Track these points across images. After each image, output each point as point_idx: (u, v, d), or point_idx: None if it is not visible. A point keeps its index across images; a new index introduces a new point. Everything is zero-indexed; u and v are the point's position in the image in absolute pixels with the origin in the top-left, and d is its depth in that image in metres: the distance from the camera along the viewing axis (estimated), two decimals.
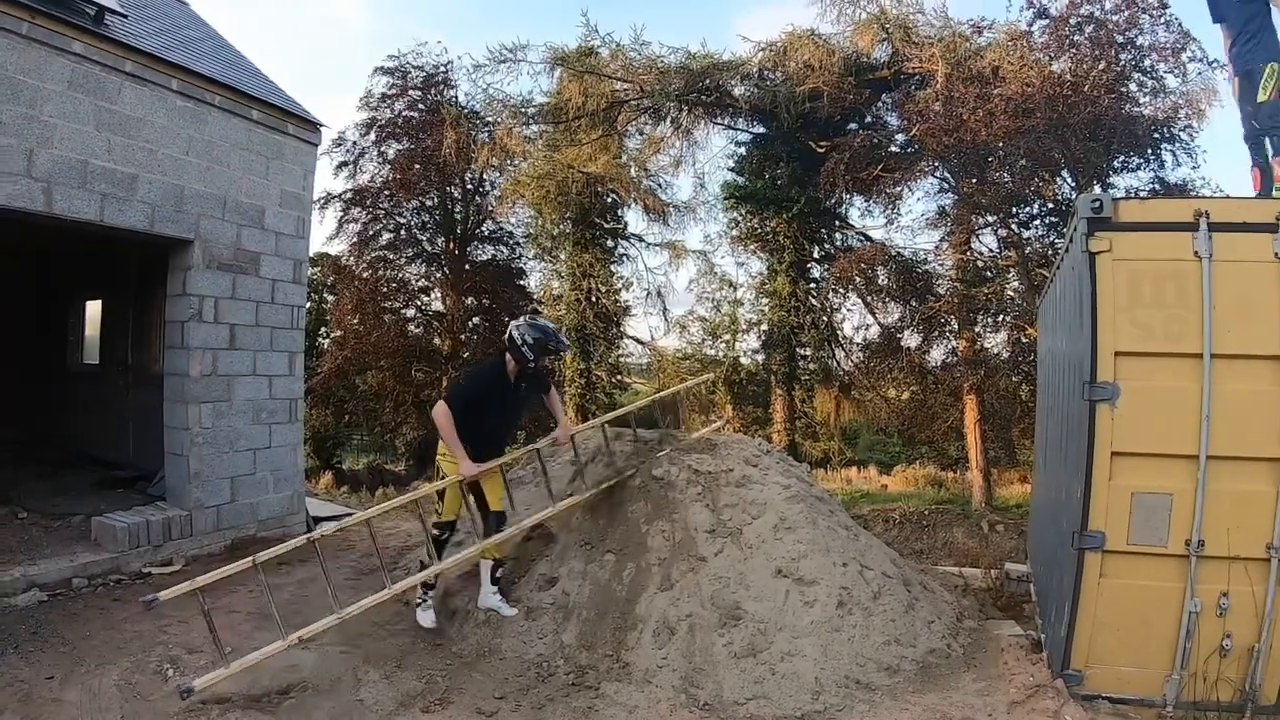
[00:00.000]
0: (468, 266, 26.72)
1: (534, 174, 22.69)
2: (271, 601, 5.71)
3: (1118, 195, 6.24)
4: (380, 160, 25.27)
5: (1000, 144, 17.10)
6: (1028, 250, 18.84)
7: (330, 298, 26.88)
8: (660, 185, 24.59)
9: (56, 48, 7.22)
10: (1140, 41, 17.43)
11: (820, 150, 20.30)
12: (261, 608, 6.51)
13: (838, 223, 23.70)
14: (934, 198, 21.30)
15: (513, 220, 26.97)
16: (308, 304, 10.55)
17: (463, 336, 26.38)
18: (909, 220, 22.05)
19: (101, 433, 11.29)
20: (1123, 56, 17.30)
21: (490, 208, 26.41)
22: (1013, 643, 6.37)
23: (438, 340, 26.38)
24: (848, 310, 23.86)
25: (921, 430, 21.95)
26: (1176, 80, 17.48)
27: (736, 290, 25.06)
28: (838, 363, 23.99)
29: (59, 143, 7.27)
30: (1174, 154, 17.83)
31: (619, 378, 27.52)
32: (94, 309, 11.86)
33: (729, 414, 22.87)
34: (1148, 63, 17.51)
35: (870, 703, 5.46)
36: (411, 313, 26.45)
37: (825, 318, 23.50)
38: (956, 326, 20.17)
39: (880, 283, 21.45)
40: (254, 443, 9.34)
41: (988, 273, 20.02)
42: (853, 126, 21.34)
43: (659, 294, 25.71)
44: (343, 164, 25.04)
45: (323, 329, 27.52)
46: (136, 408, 10.26)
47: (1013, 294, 19.21)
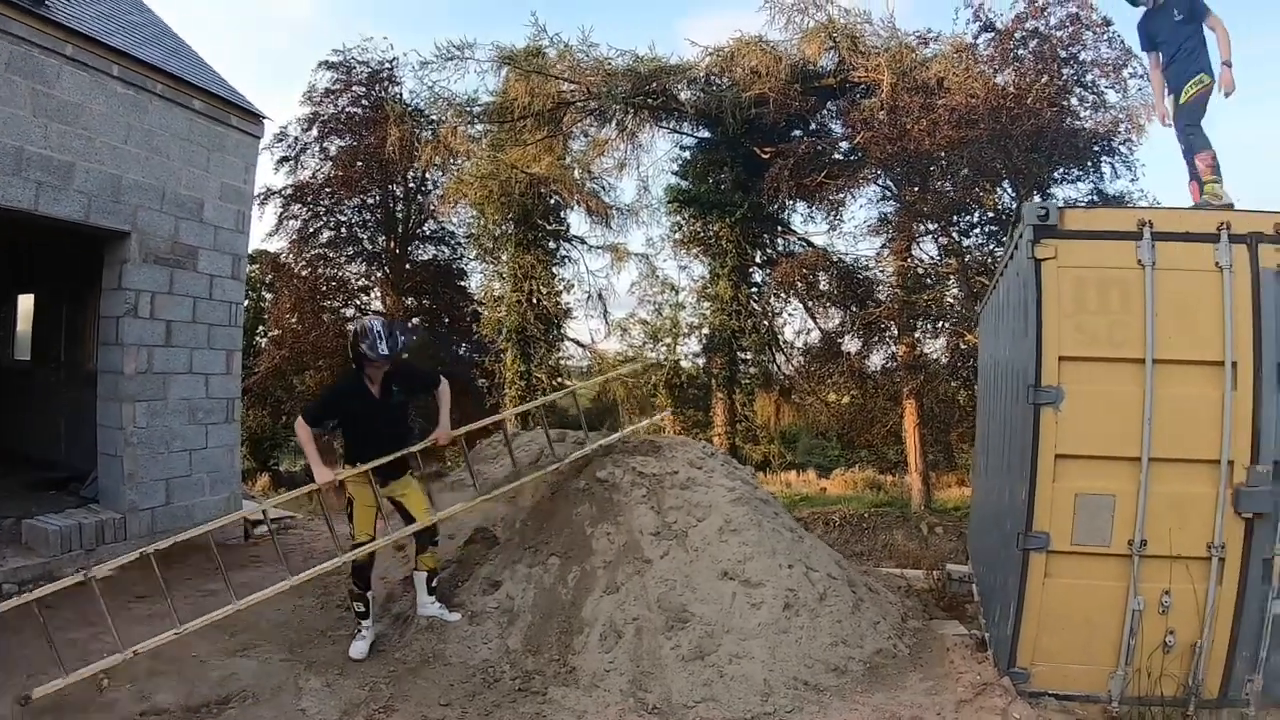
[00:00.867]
0: (408, 266, 26.43)
1: (477, 174, 22.47)
2: (113, 626, 5.54)
3: (1063, 204, 6.37)
4: (322, 156, 24.85)
5: (943, 153, 17.48)
6: (967, 258, 19.27)
7: (268, 296, 26.36)
8: (604, 188, 24.51)
9: None
10: (1083, 57, 18.09)
11: (764, 156, 20.44)
12: (199, 613, 6.31)
13: (780, 228, 23.84)
14: (876, 205, 21.73)
15: (455, 220, 26.69)
16: (245, 301, 10.32)
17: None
18: (851, 227, 22.44)
19: (33, 432, 10.95)
20: (1065, 71, 17.88)
21: (432, 207, 26.09)
22: (958, 642, 6.46)
23: None
24: (789, 315, 24.04)
25: (861, 434, 22.21)
26: (1117, 95, 18.20)
27: (678, 294, 25.02)
28: (778, 367, 24.11)
29: None
30: (1113, 166, 18.59)
31: (559, 380, 27.37)
32: (26, 303, 11.50)
33: (669, 417, 22.93)
34: (1089, 78, 18.17)
35: (819, 704, 5.49)
36: (351, 312, 25.94)
37: (766, 322, 23.60)
38: (896, 332, 20.45)
39: (821, 288, 21.69)
40: (190, 443, 9.11)
41: (928, 279, 20.38)
42: (797, 133, 21.49)
43: (600, 297, 25.57)
44: (284, 159, 24.51)
45: (260, 327, 26.98)
46: (70, 406, 9.94)
47: (952, 300, 19.59)
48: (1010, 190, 18.40)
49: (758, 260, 23.79)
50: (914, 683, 5.76)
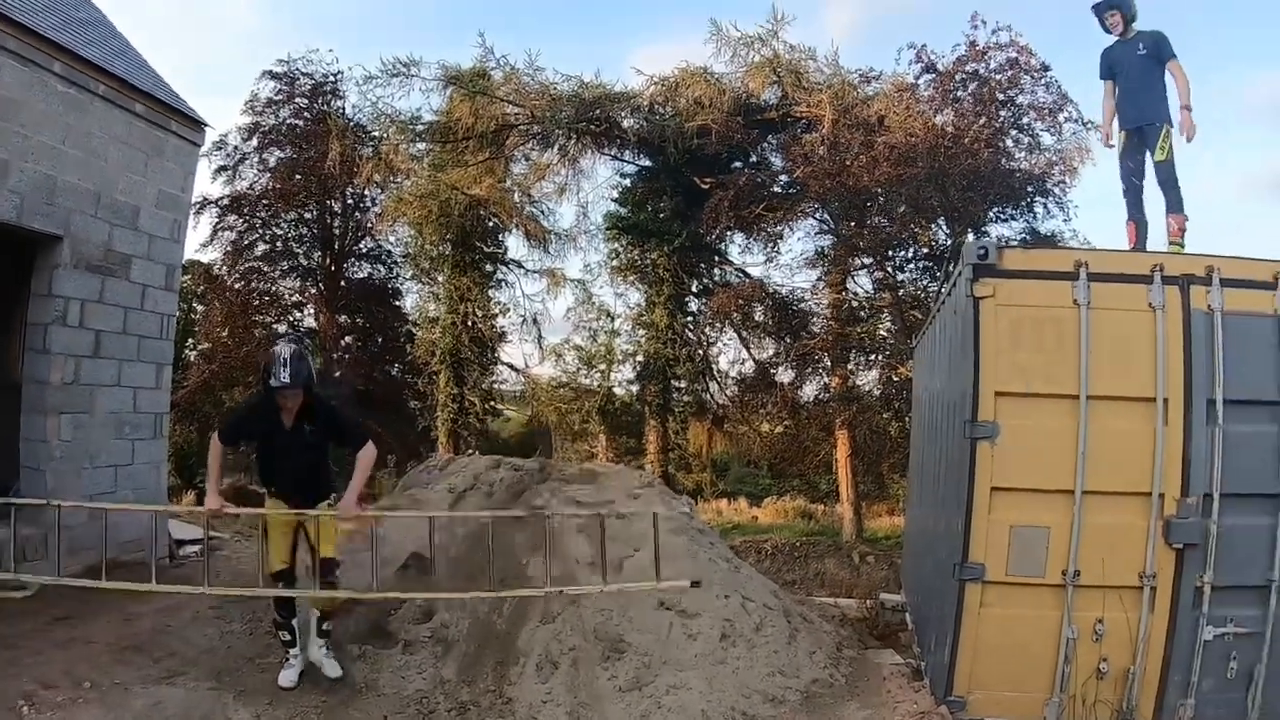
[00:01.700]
0: (343, 283, 26.04)
1: (417, 193, 22.30)
2: None
3: (1001, 244, 6.55)
4: (261, 167, 24.41)
5: (881, 190, 17.83)
6: (902, 292, 19.62)
7: (200, 308, 25.73)
8: (543, 212, 24.44)
9: None
10: (1020, 100, 18.67)
11: (705, 186, 20.59)
12: (122, 638, 6.13)
13: (718, 258, 23.98)
14: (813, 238, 21.94)
15: (392, 239, 26.40)
16: (177, 313, 10.07)
17: (335, 355, 25.66)
18: (788, 259, 22.46)
19: None
20: (1003, 113, 18.47)
21: (370, 224, 25.84)
22: (894, 671, 6.53)
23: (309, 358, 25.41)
24: (723, 344, 24.08)
25: (793, 464, 22.41)
26: (1052, 138, 18.79)
27: (614, 320, 24.99)
28: (712, 396, 24.19)
29: None
30: (1046, 206, 19.13)
31: (492, 404, 27.20)
32: None
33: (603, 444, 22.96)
34: (1026, 120, 18.74)
35: None
36: (283, 328, 25.44)
37: (701, 351, 23.70)
38: (830, 364, 20.68)
39: (757, 318, 21.85)
40: (116, 458, 8.79)
41: (862, 313, 20.70)
42: (738, 165, 21.68)
43: (535, 321, 25.38)
44: (222, 168, 23.99)
45: (190, 340, 26.35)
46: None
47: (886, 334, 19.93)
48: (946, 227, 18.84)
49: (694, 289, 23.87)
50: (851, 712, 5.81)
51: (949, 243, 17.98)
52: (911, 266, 20.45)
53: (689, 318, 23.52)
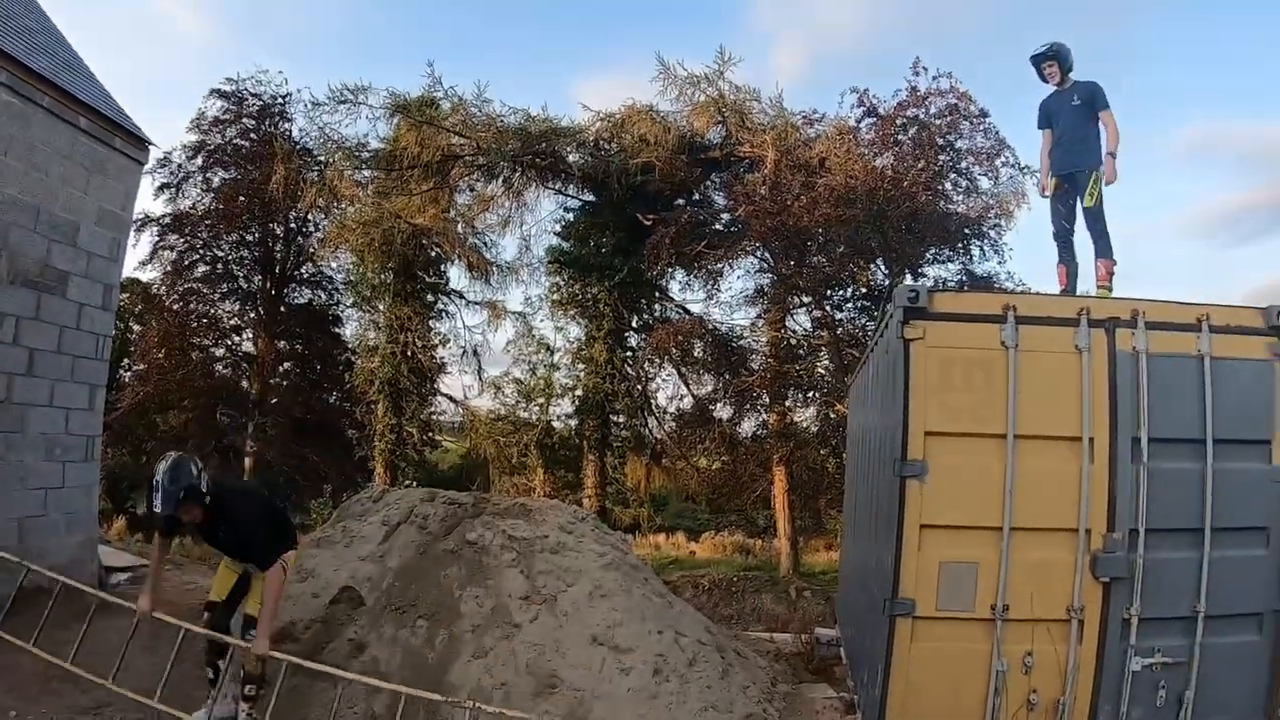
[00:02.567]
0: (283, 309, 25.79)
1: (360, 220, 22.14)
2: None
3: (933, 287, 6.71)
4: (204, 187, 24.16)
5: (821, 230, 18.11)
6: (839, 331, 19.95)
7: (137, 327, 25.21)
8: (486, 244, 24.46)
9: None
10: (959, 145, 19.23)
11: (647, 223, 20.78)
12: (50, 666, 5.93)
13: (658, 294, 24.19)
14: (753, 276, 22.21)
15: (334, 265, 26.20)
16: (113, 333, 9.87)
17: (272, 381, 25.30)
18: (728, 296, 22.74)
19: None
20: (942, 157, 18.94)
21: (312, 250, 25.58)
22: (827, 705, 6.58)
23: (246, 383, 25.21)
24: (662, 380, 24.34)
25: (730, 499, 22.54)
26: (989, 182, 19.36)
27: (553, 354, 25.03)
28: (650, 431, 24.29)
29: None
30: (982, 249, 19.67)
31: (430, 435, 26.96)
32: None
33: (540, 478, 22.85)
34: (964, 165, 19.28)
35: None
36: (221, 352, 25.21)
37: (640, 386, 23.81)
38: (768, 400, 20.87)
39: (696, 355, 22.02)
40: (46, 481, 8.52)
41: (800, 350, 20.96)
42: (680, 202, 21.99)
43: (475, 353, 25.37)
44: (164, 186, 23.71)
45: (125, 360, 25.76)
46: None
47: (823, 371, 20.22)
48: (884, 267, 19.19)
49: (634, 325, 24.05)
50: None
51: (887, 283, 18.34)
52: (849, 306, 20.88)
53: (628, 353, 23.64)
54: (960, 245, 19.42)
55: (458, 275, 25.38)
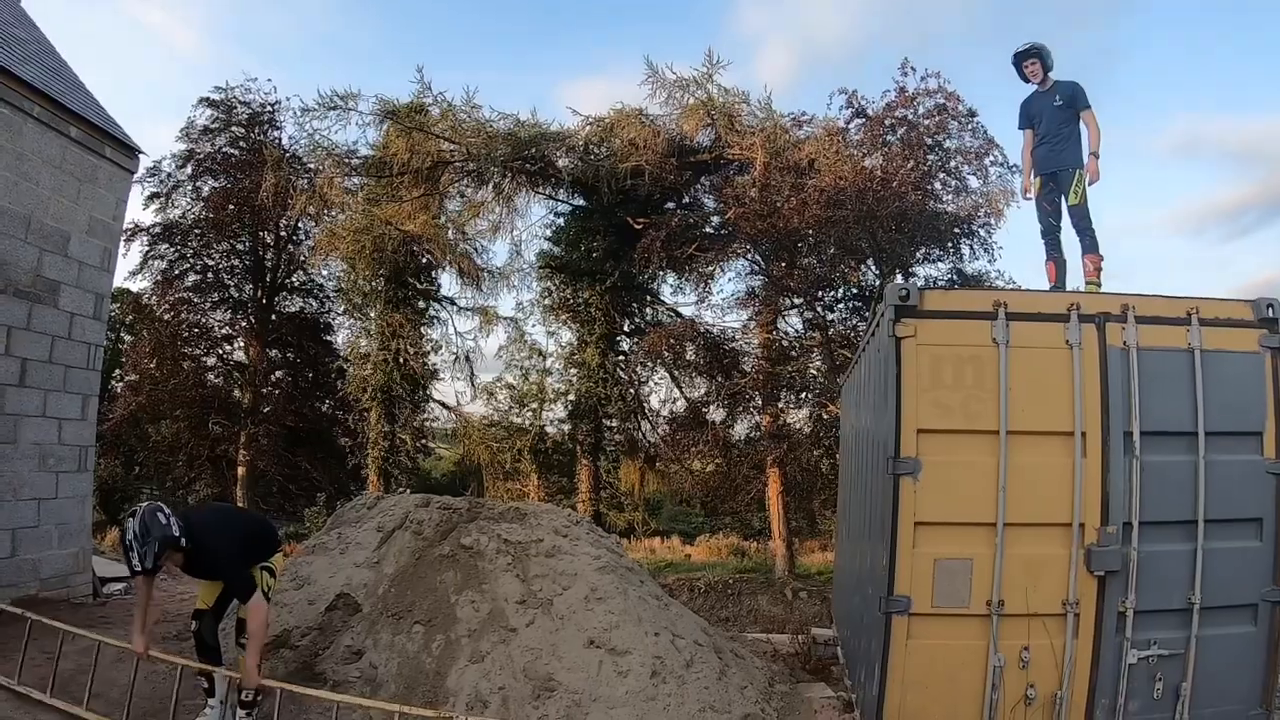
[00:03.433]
0: (274, 317, 25.71)
1: (351, 227, 22.12)
2: None
3: (923, 285, 6.74)
4: (194, 196, 24.11)
5: (811, 231, 18.11)
6: (831, 332, 19.93)
7: (128, 338, 25.14)
8: (476, 249, 24.40)
9: None
10: (948, 145, 19.17)
11: (638, 226, 20.75)
12: (43, 679, 5.91)
13: (650, 298, 24.23)
14: (744, 278, 22.23)
15: (325, 273, 26.19)
16: (105, 343, 9.85)
17: (264, 390, 25.24)
18: (719, 299, 22.79)
19: None
20: (930, 157, 18.93)
21: (303, 258, 25.61)
22: (825, 704, 6.57)
23: (238, 392, 25.13)
24: (655, 383, 24.38)
25: (725, 501, 22.49)
26: (978, 181, 19.33)
27: (546, 359, 25.11)
28: (643, 434, 24.27)
29: None
30: (972, 248, 19.71)
31: (424, 442, 26.93)
32: None
33: (534, 483, 22.84)
34: (953, 164, 19.24)
35: None
36: (212, 361, 25.12)
37: (633, 390, 23.82)
38: (761, 402, 20.84)
39: (688, 358, 21.99)
40: (39, 492, 8.54)
41: (792, 352, 20.94)
42: (671, 205, 22.05)
43: (468, 359, 25.36)
44: (154, 195, 23.64)
45: (117, 370, 25.66)
46: None
47: (815, 372, 20.19)
48: (874, 268, 19.19)
49: (626, 329, 24.06)
50: None
51: (877, 283, 18.36)
52: (841, 306, 20.92)
53: (621, 357, 23.66)
54: (950, 245, 19.47)
55: (449, 281, 25.42)
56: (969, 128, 18.99)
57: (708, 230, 21.28)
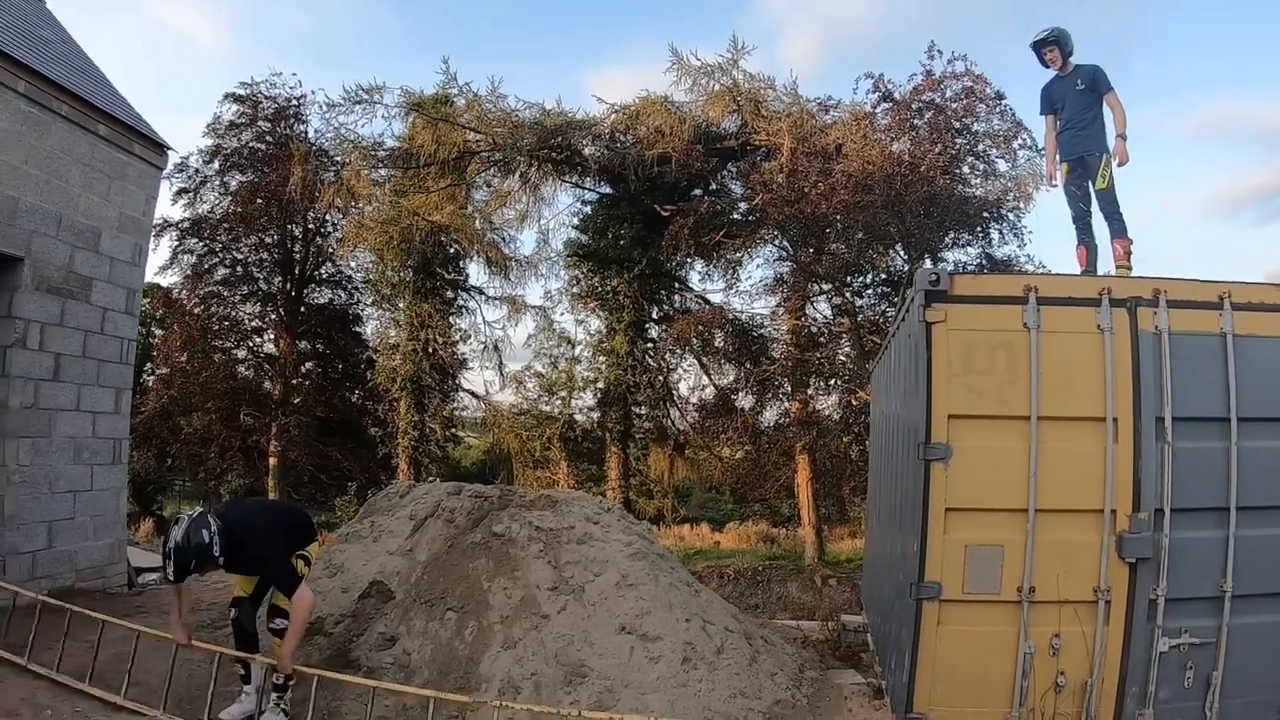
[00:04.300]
0: (303, 309, 25.98)
1: (378, 219, 22.20)
2: None
3: (953, 270, 6.71)
4: (222, 191, 24.37)
5: (839, 216, 18.06)
6: (860, 317, 19.88)
7: (158, 332, 25.48)
8: (504, 239, 24.36)
9: None
10: (976, 128, 19.07)
11: (665, 214, 20.70)
12: (82, 667, 5.99)
13: (678, 285, 24.19)
14: (772, 265, 22.18)
15: (353, 264, 26.33)
16: (137, 337, 9.97)
17: (294, 381, 25.51)
18: (747, 285, 22.83)
19: None
20: (958, 141, 18.83)
21: (331, 250, 25.78)
22: (855, 690, 6.58)
23: (268, 384, 25.42)
24: (684, 371, 24.36)
25: (754, 489, 22.50)
26: (1007, 165, 19.23)
27: (574, 347, 25.13)
28: (672, 422, 24.31)
29: None
30: (1001, 232, 19.56)
31: (453, 431, 27.08)
32: None
33: (564, 470, 22.92)
34: (981, 148, 19.15)
35: None
36: (243, 353, 25.45)
37: (661, 377, 23.85)
38: (790, 389, 20.86)
39: (717, 345, 22.02)
40: (75, 484, 8.62)
41: (821, 338, 20.91)
42: (698, 192, 21.95)
43: (496, 348, 25.32)
44: (182, 190, 23.94)
45: (148, 365, 26.01)
46: None
47: (844, 359, 20.15)
48: (903, 253, 19.10)
49: (654, 316, 24.05)
50: None
51: (906, 268, 18.26)
52: (869, 292, 20.84)
53: (649, 344, 23.67)
54: (979, 229, 19.36)
55: (477, 271, 25.45)
56: (997, 110, 18.88)
57: (735, 216, 21.26)
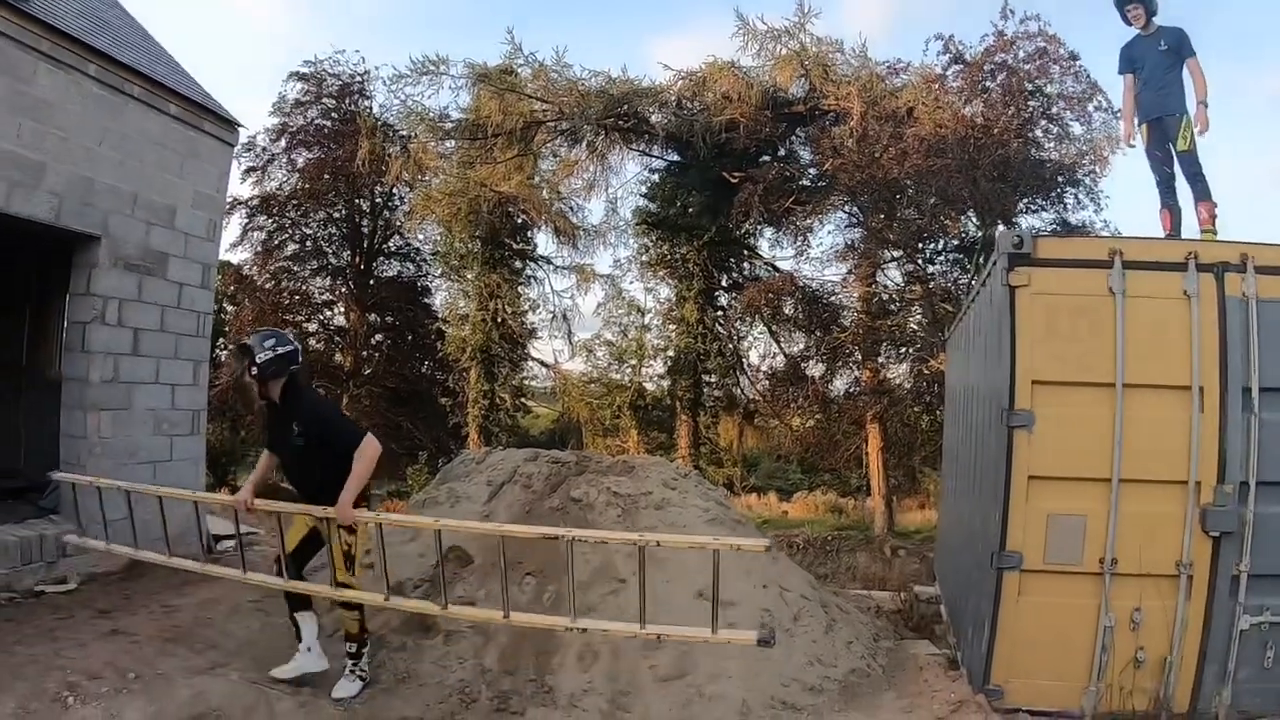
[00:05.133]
0: (373, 282, 26.30)
1: (446, 191, 22.42)
2: None
3: (1038, 232, 6.59)
4: (289, 168, 24.72)
5: (910, 182, 17.76)
6: (932, 284, 19.51)
7: (230, 308, 26.07)
8: (571, 208, 24.44)
9: None
10: (1049, 90, 18.56)
11: (734, 181, 20.52)
12: (164, 630, 6.16)
13: (747, 252, 24.02)
14: (843, 231, 21.95)
15: (421, 237, 26.63)
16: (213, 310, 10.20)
17: (365, 353, 25.92)
18: (818, 252, 22.41)
19: None
20: (1032, 103, 18.38)
21: (399, 223, 26.04)
22: (930, 661, 6.54)
23: (339, 356, 25.82)
24: (754, 339, 24.23)
25: (823, 458, 22.35)
26: (1082, 128, 18.72)
27: (644, 315, 25.15)
28: (742, 390, 24.21)
29: None
30: (1077, 196, 19.01)
31: (523, 400, 27.36)
32: None
33: (634, 439, 23.01)
34: (1055, 110, 18.64)
35: None
36: (314, 327, 25.82)
37: (731, 345, 23.77)
38: (860, 357, 20.65)
39: (787, 313, 21.80)
40: (154, 455, 8.84)
41: (892, 306, 20.64)
42: (767, 158, 21.67)
43: (565, 317, 25.51)
44: (250, 169, 24.32)
45: (220, 339, 26.64)
46: (30, 413, 9.57)
47: (916, 327, 19.82)
48: (976, 219, 18.70)
49: (724, 284, 23.94)
50: (889, 701, 5.82)
51: (979, 234, 17.91)
52: (942, 259, 20.41)
53: (719, 312, 23.60)
54: (1054, 194, 18.86)
55: (545, 241, 25.60)
56: (1071, 72, 18.35)
57: (805, 183, 21.01)
